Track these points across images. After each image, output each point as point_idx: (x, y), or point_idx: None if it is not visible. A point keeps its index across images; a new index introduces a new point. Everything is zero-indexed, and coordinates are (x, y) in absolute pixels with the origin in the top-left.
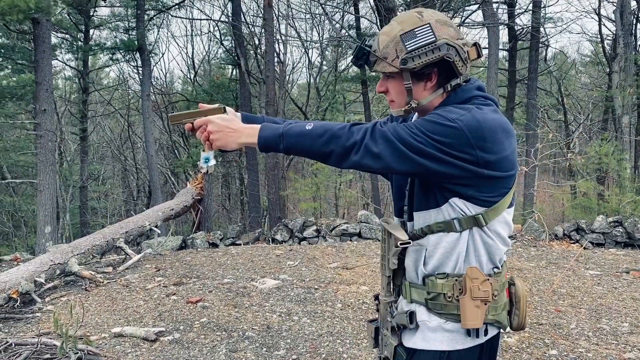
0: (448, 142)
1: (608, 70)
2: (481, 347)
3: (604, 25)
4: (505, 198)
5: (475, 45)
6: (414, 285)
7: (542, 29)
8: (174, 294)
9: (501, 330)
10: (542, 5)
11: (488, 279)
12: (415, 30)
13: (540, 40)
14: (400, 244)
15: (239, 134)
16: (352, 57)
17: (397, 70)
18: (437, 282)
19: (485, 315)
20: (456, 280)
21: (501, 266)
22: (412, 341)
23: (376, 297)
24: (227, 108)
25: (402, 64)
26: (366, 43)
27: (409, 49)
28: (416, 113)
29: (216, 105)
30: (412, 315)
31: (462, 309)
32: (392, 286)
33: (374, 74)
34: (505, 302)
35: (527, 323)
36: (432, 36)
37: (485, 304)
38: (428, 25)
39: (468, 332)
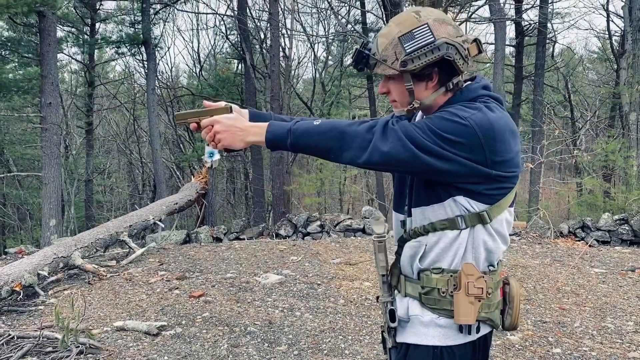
0: (459, 141)
1: (616, 66)
2: (474, 345)
3: (612, 21)
4: (508, 195)
5: (476, 41)
6: (409, 279)
7: (549, 25)
8: (177, 288)
9: (494, 330)
10: (550, 1)
11: (483, 276)
12: (414, 31)
13: (548, 36)
14: (375, 237)
15: (245, 133)
16: (351, 60)
17: (398, 73)
18: (432, 277)
19: (479, 312)
20: (451, 275)
21: (497, 265)
22: (404, 336)
23: (377, 298)
24: (233, 106)
25: (402, 66)
26: (365, 46)
27: (408, 50)
28: (420, 112)
29: (222, 104)
30: (392, 313)
31: (455, 305)
32: (387, 286)
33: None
34: (499, 301)
35: (519, 323)
36: (431, 36)
37: (479, 301)
38: (426, 25)
39: (460, 329)
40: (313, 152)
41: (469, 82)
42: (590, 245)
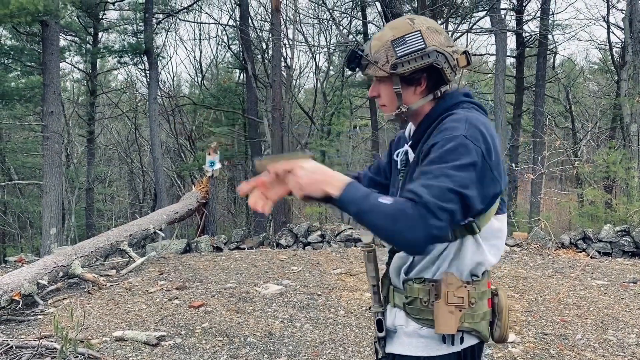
0: (472, 162)
1: (616, 78)
2: (458, 355)
3: (613, 33)
4: (495, 203)
5: (466, 52)
6: (397, 289)
7: (550, 36)
8: (177, 298)
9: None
10: (551, 12)
11: (465, 286)
12: (406, 36)
13: (548, 47)
14: (363, 247)
15: (325, 182)
16: (344, 60)
17: (387, 75)
18: (414, 287)
19: (461, 322)
20: (432, 285)
21: (482, 275)
22: (391, 346)
23: (370, 309)
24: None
25: (392, 69)
26: (359, 47)
27: (399, 54)
28: (411, 124)
29: (306, 154)
30: (379, 323)
31: (435, 314)
32: (379, 296)
33: None
34: (486, 311)
35: (509, 335)
36: (422, 43)
37: (460, 310)
38: (419, 32)
39: (443, 339)
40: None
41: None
42: (591, 257)
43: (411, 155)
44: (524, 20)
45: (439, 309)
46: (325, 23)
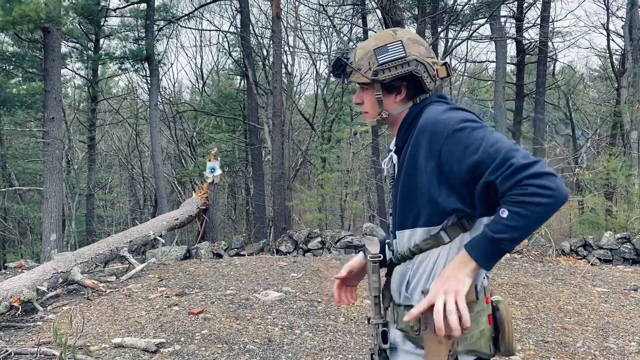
0: (482, 126)
1: (616, 85)
2: None
3: (613, 40)
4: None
5: (445, 64)
6: (397, 307)
7: (550, 43)
8: (176, 304)
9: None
10: (550, 20)
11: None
12: (388, 45)
13: (548, 54)
14: (370, 257)
15: (459, 281)
16: (330, 67)
17: (369, 81)
18: (404, 314)
19: (454, 347)
20: (423, 314)
21: (477, 292)
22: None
23: (369, 320)
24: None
25: (374, 75)
26: (345, 56)
27: (380, 62)
28: (392, 153)
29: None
30: (384, 334)
31: (425, 345)
32: (380, 308)
33: None
34: (484, 329)
35: (516, 348)
36: (403, 52)
37: (449, 338)
38: (400, 42)
39: None
40: (526, 232)
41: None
42: (592, 264)
43: (395, 160)
44: (524, 27)
45: (428, 340)
46: (326, 30)
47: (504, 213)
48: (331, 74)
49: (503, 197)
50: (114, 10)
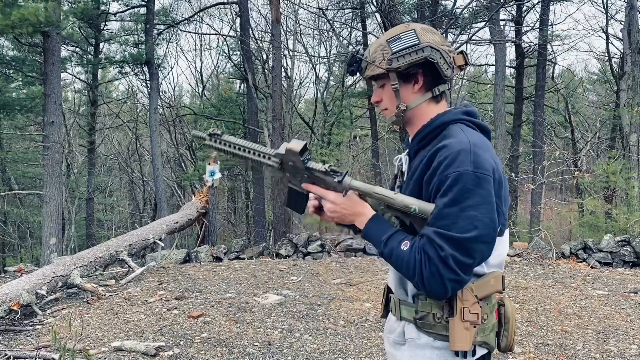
0: (487, 193)
1: (616, 88)
2: None
3: (612, 43)
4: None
5: (462, 52)
6: (404, 302)
7: (549, 47)
8: (176, 308)
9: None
10: (550, 23)
11: (478, 302)
12: (401, 34)
13: (548, 57)
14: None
15: (352, 217)
16: (345, 65)
17: (384, 71)
18: (426, 302)
19: (474, 337)
20: (446, 301)
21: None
22: (401, 358)
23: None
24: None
25: (388, 64)
26: (359, 53)
27: (393, 50)
28: (405, 155)
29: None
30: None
31: (451, 331)
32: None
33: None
34: (494, 323)
35: (515, 344)
36: (416, 39)
37: (475, 327)
38: (413, 30)
39: (456, 352)
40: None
41: (452, 108)
42: (592, 267)
43: (405, 166)
44: (523, 31)
45: (454, 325)
46: (326, 34)
47: (405, 246)
48: (347, 72)
49: (420, 239)
50: (114, 14)
